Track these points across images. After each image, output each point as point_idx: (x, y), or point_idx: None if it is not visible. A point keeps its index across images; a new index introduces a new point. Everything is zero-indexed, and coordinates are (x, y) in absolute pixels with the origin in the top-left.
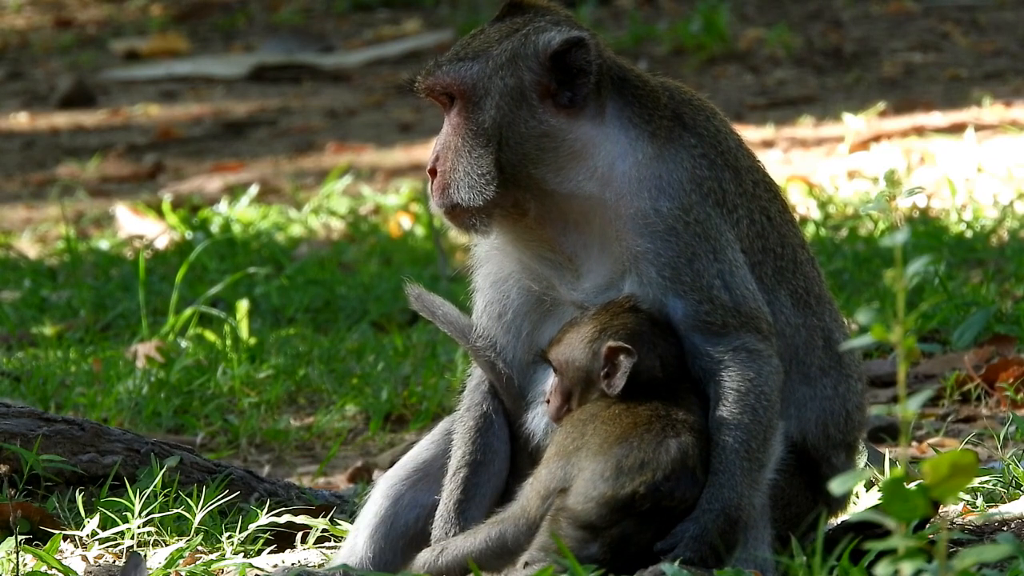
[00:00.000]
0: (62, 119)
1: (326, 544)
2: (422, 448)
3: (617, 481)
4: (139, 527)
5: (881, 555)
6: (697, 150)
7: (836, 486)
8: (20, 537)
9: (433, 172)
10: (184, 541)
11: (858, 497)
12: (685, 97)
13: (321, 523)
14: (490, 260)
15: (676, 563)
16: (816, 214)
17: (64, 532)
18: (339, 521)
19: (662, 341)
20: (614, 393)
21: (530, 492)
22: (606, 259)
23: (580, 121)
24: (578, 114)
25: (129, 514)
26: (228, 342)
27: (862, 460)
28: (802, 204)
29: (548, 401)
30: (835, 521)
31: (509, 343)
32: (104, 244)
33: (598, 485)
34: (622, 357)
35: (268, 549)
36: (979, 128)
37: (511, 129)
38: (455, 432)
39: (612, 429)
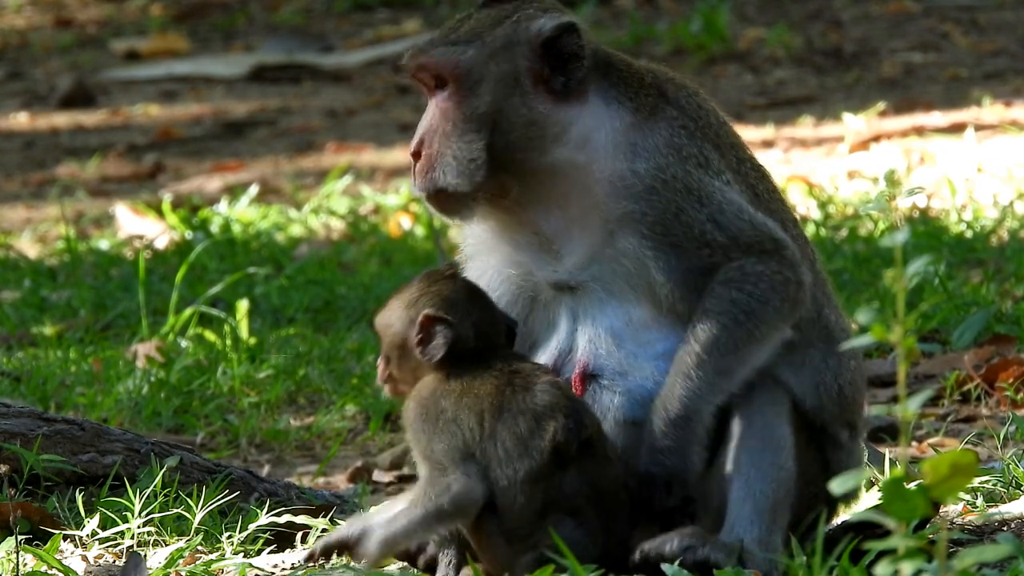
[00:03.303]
0: (62, 119)
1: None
2: None
3: (528, 450)
4: (139, 527)
5: (881, 555)
6: (677, 122)
7: (836, 486)
8: (20, 537)
9: (417, 155)
10: (184, 541)
11: (858, 497)
12: (668, 76)
13: (321, 523)
14: (476, 256)
15: (676, 564)
16: (816, 214)
17: (64, 532)
18: (339, 521)
19: (477, 309)
20: (430, 361)
21: (428, 462)
22: (586, 234)
23: (566, 105)
24: (566, 98)
25: (129, 514)
26: (228, 342)
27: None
28: (802, 204)
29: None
30: (835, 521)
31: None
32: (104, 244)
33: (516, 467)
34: (438, 327)
35: (268, 549)
36: (979, 128)
37: (504, 115)
38: None
39: (477, 411)
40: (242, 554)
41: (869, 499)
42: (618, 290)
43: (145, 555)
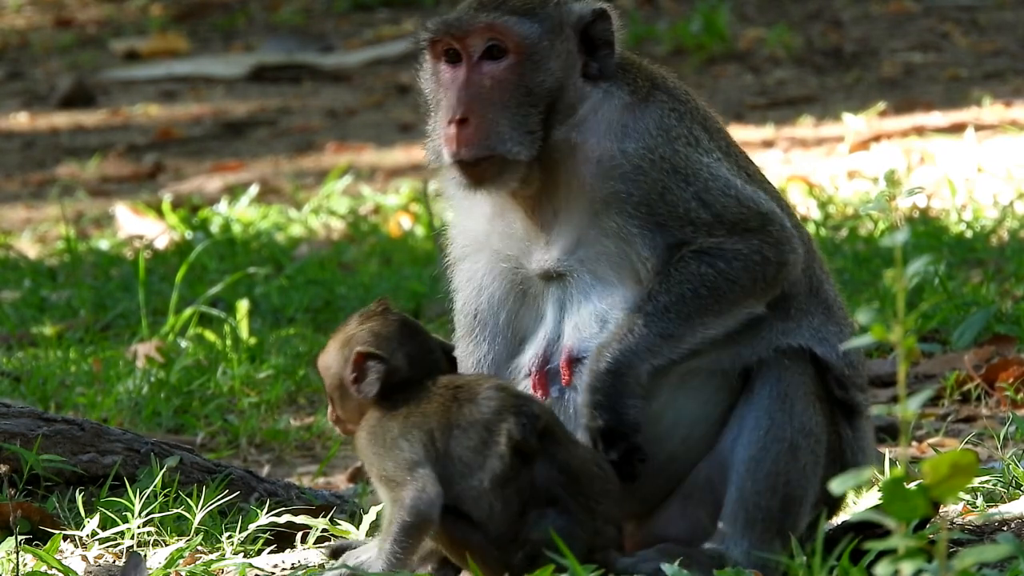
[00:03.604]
0: (62, 119)
1: (326, 544)
2: None
3: (488, 457)
4: (139, 527)
5: (881, 555)
6: (667, 105)
7: (836, 486)
8: (20, 537)
9: (463, 121)
10: (184, 541)
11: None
12: (656, 68)
13: (321, 523)
14: (466, 258)
15: (676, 563)
16: (816, 214)
17: (64, 532)
18: (339, 521)
19: (410, 341)
20: (366, 398)
21: (390, 493)
22: (572, 218)
23: (587, 89)
24: (592, 83)
25: (129, 514)
26: (228, 342)
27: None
28: (802, 204)
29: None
30: (835, 521)
31: (488, 337)
32: (104, 244)
33: (480, 477)
34: (370, 362)
35: (268, 549)
36: (979, 128)
37: (563, 92)
38: None
39: (426, 429)
40: (242, 554)
41: (869, 499)
42: (602, 273)
43: (145, 555)
